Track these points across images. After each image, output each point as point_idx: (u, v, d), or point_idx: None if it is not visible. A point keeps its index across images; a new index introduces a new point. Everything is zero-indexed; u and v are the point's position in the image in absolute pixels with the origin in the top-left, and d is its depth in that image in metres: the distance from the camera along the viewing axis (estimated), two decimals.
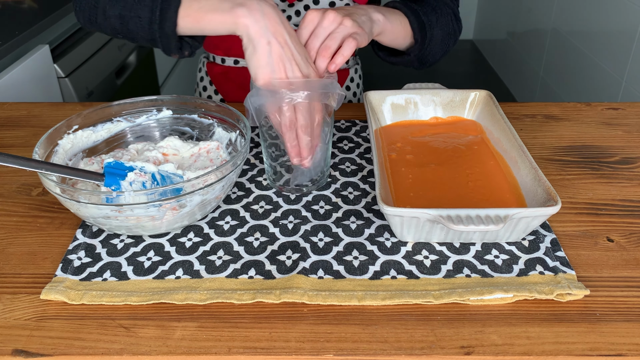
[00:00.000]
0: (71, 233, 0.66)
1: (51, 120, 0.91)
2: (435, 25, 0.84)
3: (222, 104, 0.74)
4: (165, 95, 0.78)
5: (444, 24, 0.86)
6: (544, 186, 0.62)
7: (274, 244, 0.63)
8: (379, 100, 0.83)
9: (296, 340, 0.52)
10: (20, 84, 1.23)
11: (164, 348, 0.51)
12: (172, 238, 0.64)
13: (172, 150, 0.73)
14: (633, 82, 1.81)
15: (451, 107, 0.83)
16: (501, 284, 0.57)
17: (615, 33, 1.93)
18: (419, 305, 0.56)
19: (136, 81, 1.77)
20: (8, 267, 0.61)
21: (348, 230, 0.65)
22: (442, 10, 0.86)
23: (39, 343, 0.52)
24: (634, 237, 0.65)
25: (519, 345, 0.51)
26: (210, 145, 0.73)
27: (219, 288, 0.57)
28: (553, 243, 0.63)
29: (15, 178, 0.77)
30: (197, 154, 0.73)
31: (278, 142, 0.68)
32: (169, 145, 0.73)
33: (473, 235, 0.62)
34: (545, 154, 0.81)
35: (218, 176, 0.61)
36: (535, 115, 0.92)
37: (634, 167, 0.78)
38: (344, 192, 0.72)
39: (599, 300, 0.56)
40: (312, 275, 0.58)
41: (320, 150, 0.68)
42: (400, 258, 0.61)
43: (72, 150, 0.71)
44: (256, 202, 0.70)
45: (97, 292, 0.57)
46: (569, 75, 2.31)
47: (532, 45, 2.73)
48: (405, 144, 0.78)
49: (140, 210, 0.58)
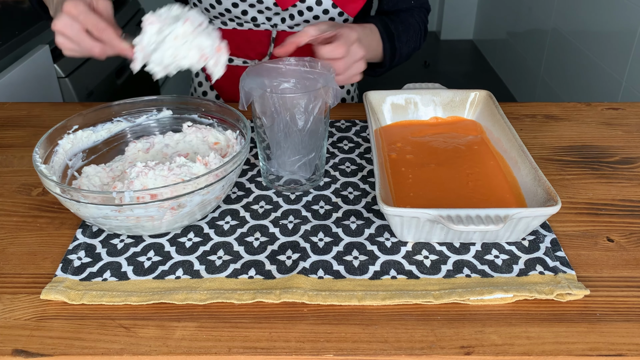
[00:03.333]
0: (71, 233, 0.66)
1: (51, 120, 0.91)
2: (405, 46, 0.93)
3: (222, 104, 0.74)
4: (165, 96, 0.78)
5: (413, 45, 0.95)
6: (544, 186, 0.62)
7: (274, 244, 0.63)
8: (379, 100, 0.83)
9: (296, 340, 0.52)
10: (20, 84, 1.23)
11: (164, 348, 0.51)
12: (172, 238, 0.64)
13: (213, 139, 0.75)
14: (633, 82, 1.81)
15: (451, 107, 0.83)
16: (501, 284, 0.57)
17: (615, 33, 1.93)
18: (419, 305, 0.56)
19: (136, 81, 1.77)
20: (8, 267, 0.61)
21: (348, 230, 0.65)
22: (414, 31, 0.95)
23: (39, 343, 0.52)
24: (634, 237, 0.65)
25: (519, 345, 0.51)
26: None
27: (219, 288, 0.57)
28: (553, 243, 0.63)
29: (15, 178, 0.77)
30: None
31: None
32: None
33: (473, 235, 0.62)
34: (545, 154, 0.81)
35: (218, 176, 0.61)
36: (535, 115, 0.92)
37: (634, 167, 0.78)
38: (344, 192, 0.72)
39: (599, 300, 0.56)
40: (312, 275, 0.58)
41: (315, 147, 0.69)
42: (400, 258, 0.61)
43: (72, 150, 0.71)
44: (256, 202, 0.70)
45: (97, 292, 0.57)
46: (569, 75, 2.31)
47: (532, 45, 2.73)
48: (405, 144, 0.78)
49: (139, 210, 0.58)
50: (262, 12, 0.94)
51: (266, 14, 0.94)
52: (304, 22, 0.95)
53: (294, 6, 0.93)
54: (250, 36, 0.98)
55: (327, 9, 0.93)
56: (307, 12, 0.93)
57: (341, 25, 0.76)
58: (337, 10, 0.93)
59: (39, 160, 0.63)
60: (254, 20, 0.95)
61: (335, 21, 0.81)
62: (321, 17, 0.94)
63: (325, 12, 0.93)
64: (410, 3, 0.99)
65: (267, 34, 0.98)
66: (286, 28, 0.97)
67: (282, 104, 0.65)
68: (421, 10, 1.01)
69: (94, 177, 0.69)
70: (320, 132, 0.69)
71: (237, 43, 1.00)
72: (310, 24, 0.75)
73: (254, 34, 0.98)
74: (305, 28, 0.74)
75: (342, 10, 0.93)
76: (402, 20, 0.94)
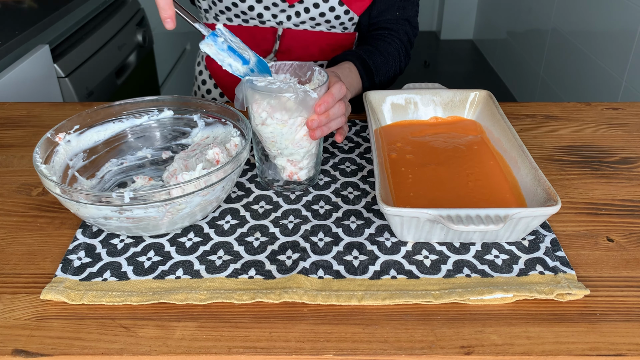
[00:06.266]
0: (71, 233, 0.66)
1: (51, 120, 0.91)
2: (384, 76, 0.94)
3: (223, 105, 0.74)
4: (166, 96, 0.78)
5: (392, 72, 0.96)
6: (544, 186, 0.62)
7: (274, 244, 0.63)
8: (379, 100, 0.83)
9: (296, 340, 0.52)
10: (20, 84, 1.23)
11: (164, 348, 0.51)
12: (172, 238, 0.64)
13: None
14: (633, 82, 1.81)
15: (451, 107, 0.83)
16: (501, 283, 0.57)
17: (615, 33, 1.93)
18: (419, 305, 0.56)
19: (136, 81, 1.77)
20: (8, 267, 0.61)
21: (348, 230, 0.65)
22: (393, 59, 0.96)
23: (39, 343, 0.52)
24: (634, 237, 0.65)
25: (519, 345, 0.51)
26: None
27: (219, 288, 0.57)
28: (553, 243, 0.63)
29: (15, 178, 0.77)
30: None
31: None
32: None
33: (473, 235, 0.62)
34: (545, 154, 0.81)
35: (219, 177, 0.61)
36: (535, 115, 0.92)
37: (634, 167, 0.78)
38: (344, 192, 0.72)
39: (599, 300, 0.56)
40: (312, 275, 0.58)
41: (310, 148, 0.69)
42: (400, 258, 0.61)
43: (73, 151, 0.71)
44: (256, 202, 0.70)
45: (97, 292, 0.57)
46: (569, 75, 2.31)
47: (532, 45, 2.73)
48: (405, 144, 0.78)
49: (139, 211, 0.58)
50: (268, 8, 0.94)
51: (272, 10, 0.94)
52: (310, 19, 0.95)
53: (301, 2, 0.93)
54: (255, 33, 0.98)
55: (334, 6, 0.93)
56: (313, 9, 0.93)
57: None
58: (343, 8, 0.93)
59: (39, 160, 0.63)
60: (260, 17, 0.95)
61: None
62: (327, 14, 0.94)
63: (331, 10, 0.93)
64: (395, 14, 0.98)
65: (272, 31, 0.98)
66: (292, 26, 0.97)
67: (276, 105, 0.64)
68: (405, 30, 0.99)
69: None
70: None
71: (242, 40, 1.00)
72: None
73: (259, 30, 0.98)
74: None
75: (349, 9, 0.94)
76: (380, 50, 0.94)
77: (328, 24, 0.96)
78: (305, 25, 0.97)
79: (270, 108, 0.64)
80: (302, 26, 0.97)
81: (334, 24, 0.96)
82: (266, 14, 0.95)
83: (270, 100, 0.64)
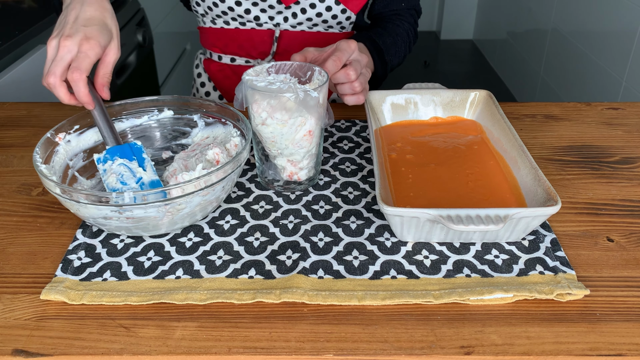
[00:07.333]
0: (71, 233, 0.66)
1: (51, 120, 0.91)
2: (395, 57, 0.95)
3: (223, 105, 0.74)
4: (166, 96, 0.78)
5: (402, 53, 0.99)
6: (544, 186, 0.62)
7: (274, 244, 0.63)
8: (379, 100, 0.83)
9: (296, 340, 0.52)
10: (20, 84, 1.23)
11: (164, 348, 0.51)
12: (172, 238, 0.64)
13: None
14: (633, 82, 1.81)
15: (451, 107, 0.83)
16: (501, 283, 0.57)
17: (615, 33, 1.93)
18: (419, 305, 0.56)
19: (136, 81, 1.77)
20: (8, 267, 0.61)
21: (348, 230, 0.65)
22: (402, 40, 0.97)
23: (39, 343, 0.52)
24: (634, 237, 0.65)
25: (519, 345, 0.51)
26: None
27: (219, 288, 0.57)
28: (553, 243, 0.63)
29: (15, 178, 0.77)
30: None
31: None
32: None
33: (473, 235, 0.62)
34: (545, 154, 0.81)
35: (219, 177, 0.61)
36: (535, 115, 0.92)
37: (634, 167, 0.78)
38: (344, 192, 0.72)
39: (599, 300, 0.56)
40: (312, 275, 0.58)
41: (310, 148, 0.69)
42: (400, 258, 0.61)
43: (73, 151, 0.71)
44: (256, 202, 0.70)
45: (97, 292, 0.57)
46: (569, 75, 2.31)
47: (532, 45, 2.73)
48: (405, 144, 0.78)
49: (139, 211, 0.58)
50: (264, 10, 0.94)
51: (269, 12, 0.94)
52: (307, 20, 0.95)
53: (297, 3, 0.93)
54: (253, 35, 0.98)
55: (330, 6, 0.93)
56: (310, 10, 0.93)
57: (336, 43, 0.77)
58: (340, 7, 0.93)
59: (39, 160, 0.63)
60: (257, 20, 0.95)
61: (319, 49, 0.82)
62: (324, 14, 0.94)
63: (328, 9, 0.93)
64: (401, 5, 1.00)
65: (269, 33, 0.98)
66: (289, 27, 0.97)
67: (276, 105, 0.65)
68: (411, 13, 1.01)
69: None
70: (316, 133, 0.69)
71: (239, 42, 1.00)
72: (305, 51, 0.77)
73: (256, 33, 0.98)
74: (304, 52, 0.76)
75: (345, 7, 0.94)
76: (389, 32, 0.95)
77: (325, 24, 0.96)
78: (303, 26, 0.97)
79: (270, 108, 0.64)
80: (300, 27, 0.97)
81: (331, 24, 0.96)
82: (263, 17, 0.95)
83: (271, 100, 0.64)
